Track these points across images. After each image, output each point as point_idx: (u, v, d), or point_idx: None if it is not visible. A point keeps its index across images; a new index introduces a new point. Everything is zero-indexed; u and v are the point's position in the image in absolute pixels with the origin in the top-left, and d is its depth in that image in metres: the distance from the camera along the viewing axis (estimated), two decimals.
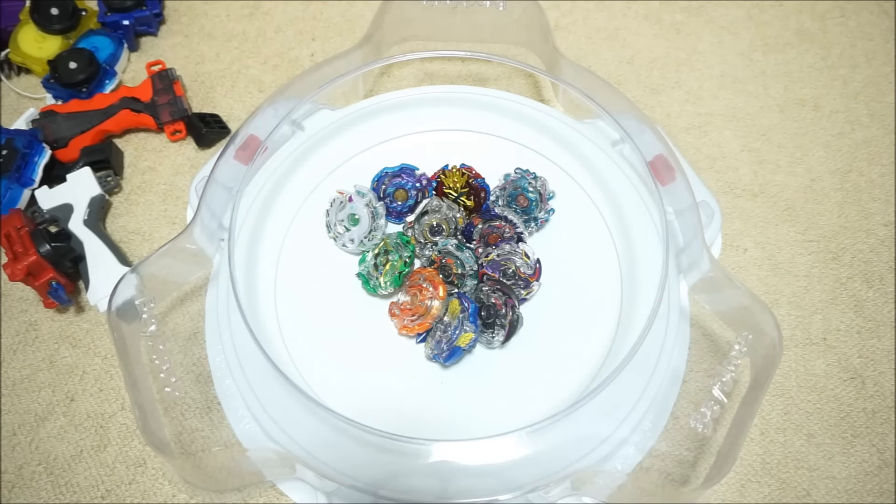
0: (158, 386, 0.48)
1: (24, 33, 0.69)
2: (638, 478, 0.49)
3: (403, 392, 0.52)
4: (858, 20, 0.75)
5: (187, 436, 0.52)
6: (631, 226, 0.58)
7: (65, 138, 0.63)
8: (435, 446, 0.46)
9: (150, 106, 0.65)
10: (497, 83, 0.70)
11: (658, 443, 0.51)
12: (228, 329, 0.53)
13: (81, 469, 0.51)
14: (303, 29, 0.75)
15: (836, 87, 0.71)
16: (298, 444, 0.48)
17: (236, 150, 0.56)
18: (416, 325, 0.52)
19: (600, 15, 0.76)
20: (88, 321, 0.58)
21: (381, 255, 0.55)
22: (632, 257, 0.57)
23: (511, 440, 0.45)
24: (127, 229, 0.62)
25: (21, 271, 0.54)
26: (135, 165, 0.66)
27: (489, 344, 0.53)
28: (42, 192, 0.61)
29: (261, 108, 0.58)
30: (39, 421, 0.53)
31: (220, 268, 0.56)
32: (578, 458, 0.47)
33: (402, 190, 0.59)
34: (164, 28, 0.75)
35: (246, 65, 0.72)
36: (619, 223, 0.58)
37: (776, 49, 0.73)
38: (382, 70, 0.71)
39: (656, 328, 0.48)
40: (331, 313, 0.55)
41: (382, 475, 0.47)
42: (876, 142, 0.67)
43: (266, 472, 0.49)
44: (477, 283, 0.55)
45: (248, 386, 0.51)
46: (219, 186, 0.56)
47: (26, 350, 0.57)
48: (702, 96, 0.70)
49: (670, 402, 0.52)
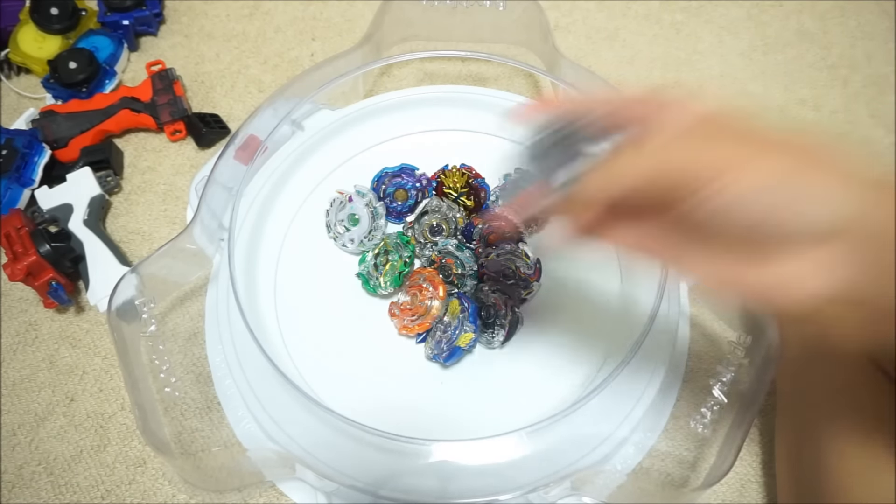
0: (158, 386, 0.48)
1: (24, 33, 0.69)
2: (638, 478, 0.49)
3: (403, 392, 0.52)
4: (858, 20, 0.75)
5: (187, 436, 0.52)
6: None
7: (65, 138, 0.63)
8: (435, 446, 0.46)
9: (149, 106, 0.65)
10: (497, 83, 0.70)
11: (658, 443, 0.51)
12: (228, 329, 0.53)
13: (81, 469, 0.51)
14: (303, 29, 0.75)
15: (836, 88, 0.71)
16: (298, 444, 0.48)
17: (236, 150, 0.56)
18: (416, 325, 0.52)
19: (600, 15, 0.76)
20: (88, 321, 0.58)
21: (381, 255, 0.55)
22: (632, 257, 0.56)
23: (511, 440, 0.45)
24: (127, 229, 0.62)
25: (21, 271, 0.54)
26: (135, 165, 0.66)
27: (489, 344, 0.53)
28: (42, 192, 0.61)
29: (261, 108, 0.58)
30: (39, 421, 0.53)
31: (220, 268, 0.56)
32: (578, 458, 0.47)
33: (402, 190, 0.59)
34: (164, 28, 0.75)
35: (246, 65, 0.72)
36: None
37: (776, 49, 0.73)
38: (382, 70, 0.71)
39: (656, 328, 0.48)
40: (331, 313, 0.55)
41: (382, 475, 0.47)
42: (877, 142, 0.67)
43: (266, 472, 0.49)
44: (477, 283, 0.55)
45: (248, 386, 0.51)
46: (219, 186, 0.56)
47: (26, 350, 0.56)
48: (702, 96, 0.70)
49: (670, 402, 0.52)
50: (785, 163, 0.29)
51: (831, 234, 0.29)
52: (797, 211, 0.29)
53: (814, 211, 0.29)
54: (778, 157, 0.30)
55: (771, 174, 0.29)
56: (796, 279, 0.30)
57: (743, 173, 0.29)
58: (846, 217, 0.29)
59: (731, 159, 0.30)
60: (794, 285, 0.30)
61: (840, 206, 0.29)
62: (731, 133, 0.31)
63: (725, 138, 0.31)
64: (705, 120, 0.32)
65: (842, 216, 0.29)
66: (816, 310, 0.30)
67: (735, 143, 0.31)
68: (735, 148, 0.30)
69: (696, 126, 0.32)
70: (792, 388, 0.48)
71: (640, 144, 0.32)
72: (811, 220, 0.29)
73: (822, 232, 0.29)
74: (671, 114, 0.32)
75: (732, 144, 0.31)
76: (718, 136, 0.31)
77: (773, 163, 0.29)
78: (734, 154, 0.30)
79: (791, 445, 0.47)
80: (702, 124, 0.32)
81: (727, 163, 0.30)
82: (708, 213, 0.30)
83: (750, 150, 0.30)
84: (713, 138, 0.31)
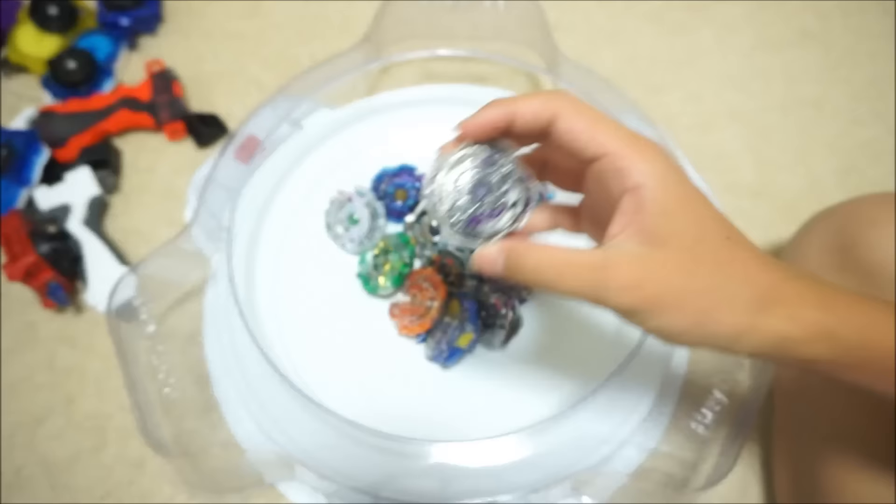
0: (157, 386, 0.48)
1: (23, 33, 0.69)
2: (639, 479, 0.49)
3: (403, 393, 0.52)
4: (860, 19, 0.75)
5: (186, 436, 0.52)
6: None
7: (63, 138, 0.63)
8: (435, 447, 0.46)
9: (149, 105, 0.65)
10: (497, 83, 0.70)
11: (659, 444, 0.51)
12: (227, 329, 0.53)
13: (80, 470, 0.51)
14: (303, 29, 0.75)
15: (837, 87, 0.70)
16: (298, 445, 0.48)
17: (236, 150, 0.56)
18: (417, 325, 0.52)
19: (600, 15, 0.76)
20: (87, 321, 0.58)
21: (381, 255, 0.55)
22: None
23: (511, 441, 0.45)
24: (126, 229, 0.62)
25: (20, 271, 0.53)
26: (134, 165, 0.66)
27: (489, 344, 0.53)
28: (41, 191, 0.60)
29: (260, 107, 0.58)
30: (38, 422, 0.53)
31: (219, 268, 0.55)
32: (579, 458, 0.47)
33: (402, 190, 0.59)
34: (163, 28, 0.75)
35: (245, 64, 0.72)
36: None
37: (778, 48, 0.73)
38: (382, 70, 0.70)
39: None
40: (331, 313, 0.55)
41: (382, 476, 0.47)
42: (878, 142, 0.67)
43: (265, 472, 0.49)
44: (477, 283, 0.54)
45: (248, 387, 0.50)
46: (218, 186, 0.55)
47: (25, 350, 0.56)
48: (703, 96, 0.70)
49: (671, 403, 0.52)
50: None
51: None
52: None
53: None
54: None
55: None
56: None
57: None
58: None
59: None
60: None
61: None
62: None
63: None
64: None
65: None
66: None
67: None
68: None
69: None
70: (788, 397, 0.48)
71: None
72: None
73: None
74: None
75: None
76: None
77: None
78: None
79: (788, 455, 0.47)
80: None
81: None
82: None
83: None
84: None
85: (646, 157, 0.32)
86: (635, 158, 0.32)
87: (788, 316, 0.31)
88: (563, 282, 0.32)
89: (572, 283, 0.32)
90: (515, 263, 0.34)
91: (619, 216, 0.32)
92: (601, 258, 0.32)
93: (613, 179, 0.32)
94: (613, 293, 0.31)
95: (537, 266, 0.33)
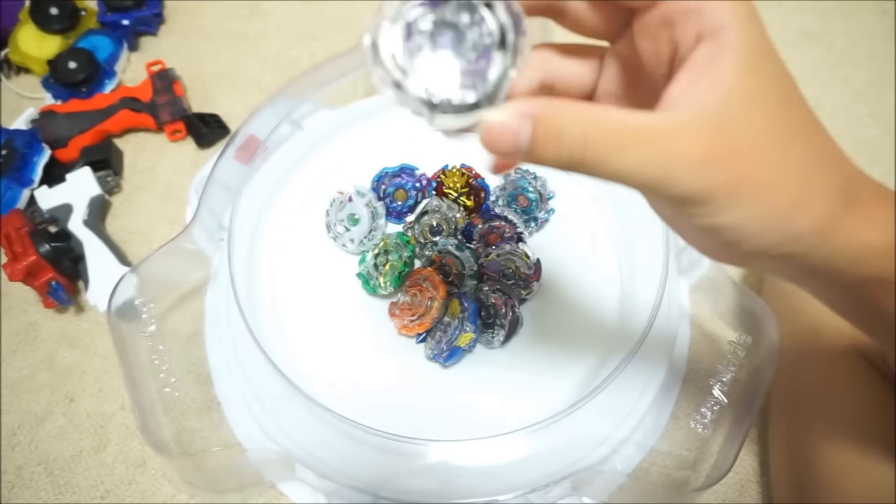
0: (158, 386, 0.48)
1: (24, 33, 0.69)
2: (638, 478, 0.49)
3: (403, 392, 0.52)
4: (859, 20, 0.75)
5: (187, 436, 0.52)
6: (631, 225, 0.58)
7: (64, 138, 0.63)
8: (435, 446, 0.46)
9: (149, 106, 0.65)
10: None
11: (658, 443, 0.51)
12: (228, 329, 0.53)
13: (81, 469, 0.51)
14: (303, 29, 0.75)
15: (836, 87, 0.70)
16: (298, 445, 0.48)
17: (236, 150, 0.56)
18: (416, 325, 0.52)
19: None
20: (88, 321, 0.58)
21: (381, 255, 0.55)
22: (632, 257, 0.56)
23: (511, 440, 0.45)
24: (126, 229, 0.62)
25: (21, 271, 0.54)
26: (134, 165, 0.66)
27: (489, 344, 0.53)
28: (42, 192, 0.61)
29: (260, 107, 0.58)
30: (39, 421, 0.53)
31: (220, 268, 0.56)
32: (578, 458, 0.47)
33: (402, 190, 0.59)
34: (164, 28, 0.75)
35: (245, 65, 0.72)
36: (619, 223, 0.58)
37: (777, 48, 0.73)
38: None
39: (656, 328, 0.48)
40: (331, 313, 0.55)
41: (382, 475, 0.47)
42: (877, 142, 0.67)
43: (266, 472, 0.49)
44: (477, 283, 0.54)
45: (248, 386, 0.50)
46: (218, 186, 0.56)
47: (26, 350, 0.56)
48: None
49: (670, 403, 0.52)
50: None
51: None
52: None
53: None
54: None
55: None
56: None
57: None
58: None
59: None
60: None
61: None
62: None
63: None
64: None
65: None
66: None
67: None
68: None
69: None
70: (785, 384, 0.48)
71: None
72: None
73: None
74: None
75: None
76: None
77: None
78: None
79: (785, 442, 0.47)
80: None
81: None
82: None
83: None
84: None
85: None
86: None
87: (870, 218, 0.25)
88: (620, 157, 0.22)
89: (631, 159, 0.22)
90: (551, 133, 0.23)
91: (688, 69, 0.23)
92: (669, 121, 0.23)
93: (683, 23, 0.24)
94: (684, 172, 0.22)
95: (586, 133, 0.23)
